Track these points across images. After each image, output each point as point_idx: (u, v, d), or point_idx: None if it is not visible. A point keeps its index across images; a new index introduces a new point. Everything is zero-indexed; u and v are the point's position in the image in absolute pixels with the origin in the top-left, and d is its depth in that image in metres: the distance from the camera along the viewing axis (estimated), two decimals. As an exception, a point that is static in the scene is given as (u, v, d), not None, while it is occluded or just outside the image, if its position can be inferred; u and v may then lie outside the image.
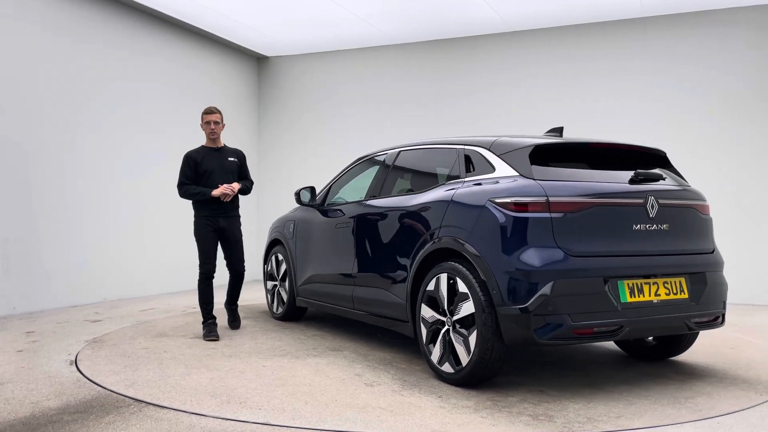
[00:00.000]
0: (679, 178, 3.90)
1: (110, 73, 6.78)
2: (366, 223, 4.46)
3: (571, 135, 4.54)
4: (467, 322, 3.30)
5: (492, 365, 3.25)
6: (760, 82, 7.09)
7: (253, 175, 9.06)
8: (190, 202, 4.85)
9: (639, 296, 3.25)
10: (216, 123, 4.83)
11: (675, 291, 3.38)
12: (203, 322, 4.74)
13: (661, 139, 7.03)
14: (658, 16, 7.67)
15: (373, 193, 4.60)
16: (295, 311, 5.49)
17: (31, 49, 5.91)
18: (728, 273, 6.70)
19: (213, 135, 4.84)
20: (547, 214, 3.15)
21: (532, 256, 3.10)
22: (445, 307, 3.47)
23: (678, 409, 2.98)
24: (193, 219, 4.84)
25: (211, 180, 4.76)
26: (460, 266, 3.37)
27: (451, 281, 3.42)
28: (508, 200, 3.23)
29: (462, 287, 3.34)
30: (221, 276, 5.14)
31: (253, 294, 7.25)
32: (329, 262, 4.90)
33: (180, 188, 4.80)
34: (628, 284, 3.23)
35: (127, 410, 2.93)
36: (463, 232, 3.41)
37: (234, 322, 5.09)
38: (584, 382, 3.49)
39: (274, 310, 5.70)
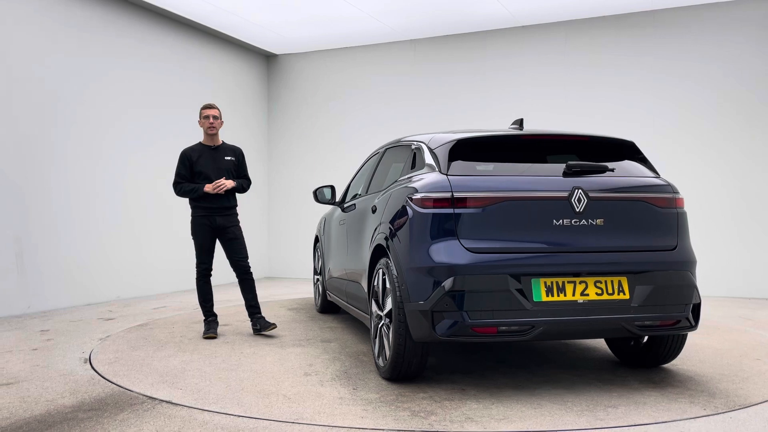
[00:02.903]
0: (645, 170, 3.90)
1: (121, 72, 7.81)
2: (352, 221, 5.12)
3: (575, 129, 4.88)
4: (391, 318, 3.73)
5: (408, 361, 3.63)
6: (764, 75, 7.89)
7: (262, 173, 10.60)
8: (188, 201, 5.40)
9: (559, 295, 3.39)
10: (215, 117, 5.27)
11: (611, 291, 3.45)
12: (204, 320, 5.38)
13: (671, 133, 8.21)
14: (671, 9, 8.31)
15: (363, 191, 5.22)
16: (329, 304, 6.35)
17: (43, 52, 6.83)
18: (736, 267, 7.85)
19: (212, 130, 5.27)
20: (450, 210, 3.45)
21: (432, 252, 3.43)
22: (380, 303, 3.94)
23: (578, 416, 3.15)
24: (190, 218, 5.36)
25: (206, 181, 5.21)
26: (389, 262, 3.79)
27: (384, 277, 3.87)
28: (417, 196, 3.59)
29: (388, 283, 3.77)
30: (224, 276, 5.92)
31: (304, 287, 8.65)
32: (336, 258, 5.70)
33: (175, 187, 5.28)
34: (545, 282, 3.39)
35: (141, 407, 3.33)
36: (390, 229, 3.84)
37: (264, 326, 5.31)
38: (519, 384, 3.74)
39: (316, 302, 6.74)
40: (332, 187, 6.08)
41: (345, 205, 5.64)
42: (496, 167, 3.73)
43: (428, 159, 3.92)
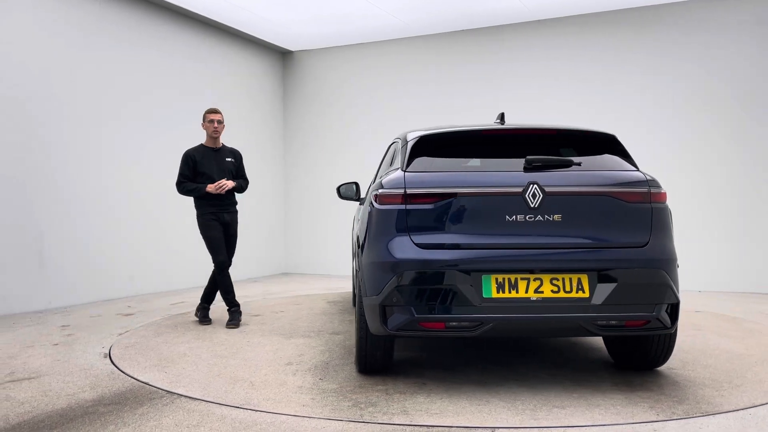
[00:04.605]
0: (623, 163, 4.06)
1: (135, 69, 8.58)
2: (357, 217, 5.64)
3: (584, 124, 5.32)
4: None
5: (372, 354, 4.07)
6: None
7: (279, 169, 11.65)
8: (192, 200, 6.21)
9: (511, 292, 3.64)
10: (219, 122, 6.16)
11: (568, 288, 3.65)
12: (228, 310, 6.18)
13: (686, 129, 8.96)
14: (691, 2, 8.91)
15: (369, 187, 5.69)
16: None
17: (61, 52, 7.60)
18: (745, 261, 8.65)
19: (215, 134, 6.16)
20: (402, 206, 3.82)
21: (384, 248, 3.82)
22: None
23: (516, 414, 3.44)
24: (196, 217, 6.15)
25: (209, 180, 6.05)
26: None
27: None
28: (376, 193, 3.99)
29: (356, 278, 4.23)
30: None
31: (319, 283, 9.62)
32: (352, 252, 6.25)
33: (178, 186, 6.09)
34: (496, 279, 3.65)
35: (160, 402, 3.69)
36: (361, 225, 4.29)
37: (205, 320, 6.31)
38: (485, 381, 4.08)
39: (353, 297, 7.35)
40: (356, 184, 6.50)
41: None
42: (455, 163, 4.04)
43: (400, 155, 4.30)
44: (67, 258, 7.69)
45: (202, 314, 6.37)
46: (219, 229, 6.13)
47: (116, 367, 4.58)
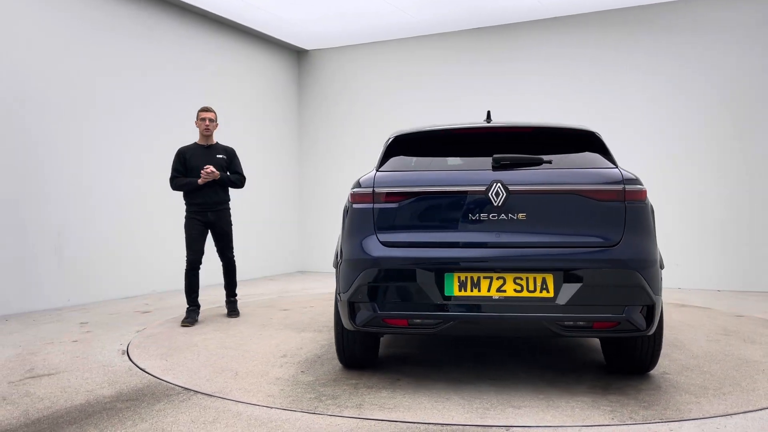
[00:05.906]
0: (602, 161, 4.23)
1: (150, 70, 9.23)
2: None
3: (589, 123, 5.73)
4: None
5: (351, 348, 4.46)
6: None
7: (293, 167, 12.51)
8: (183, 198, 6.78)
9: (473, 291, 3.91)
10: (211, 120, 6.76)
11: (532, 288, 3.88)
12: (187, 309, 6.70)
13: (700, 128, 9.40)
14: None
15: None
16: None
17: (82, 50, 8.26)
18: (747, 259, 9.16)
19: (207, 131, 6.76)
20: (370, 205, 4.17)
21: (353, 246, 4.18)
22: None
23: (466, 412, 3.73)
24: (184, 214, 6.76)
25: (198, 176, 6.60)
26: None
27: None
28: (351, 192, 4.36)
29: None
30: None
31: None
32: None
33: (171, 182, 6.72)
34: (459, 277, 3.93)
35: (177, 398, 4.00)
36: (342, 225, 4.61)
37: (233, 312, 7.06)
38: (460, 379, 4.40)
39: None
40: None
41: None
42: (429, 162, 4.33)
43: (381, 154, 4.60)
44: (86, 256, 8.36)
45: (230, 308, 7.05)
46: (198, 228, 6.74)
47: (134, 363, 4.99)
